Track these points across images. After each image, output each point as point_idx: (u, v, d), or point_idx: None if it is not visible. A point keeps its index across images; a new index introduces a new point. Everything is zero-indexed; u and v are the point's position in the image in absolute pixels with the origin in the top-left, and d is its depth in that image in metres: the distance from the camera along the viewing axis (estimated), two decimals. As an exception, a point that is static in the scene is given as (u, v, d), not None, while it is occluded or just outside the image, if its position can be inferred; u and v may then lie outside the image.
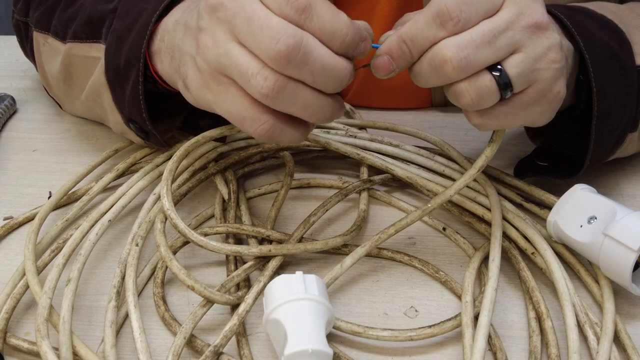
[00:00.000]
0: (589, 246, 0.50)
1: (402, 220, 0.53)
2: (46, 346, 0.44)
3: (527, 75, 0.46)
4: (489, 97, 0.46)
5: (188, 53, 0.47)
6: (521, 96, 0.47)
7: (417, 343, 0.48)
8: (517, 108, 0.47)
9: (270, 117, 0.45)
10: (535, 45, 0.46)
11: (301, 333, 0.43)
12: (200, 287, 0.48)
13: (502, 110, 0.47)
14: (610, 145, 0.55)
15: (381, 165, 0.60)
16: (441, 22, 0.44)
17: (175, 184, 0.58)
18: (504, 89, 0.45)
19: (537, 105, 0.48)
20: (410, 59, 0.46)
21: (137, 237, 0.53)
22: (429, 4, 0.45)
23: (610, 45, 0.52)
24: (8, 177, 0.64)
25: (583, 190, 0.52)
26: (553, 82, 0.47)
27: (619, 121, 0.54)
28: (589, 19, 0.53)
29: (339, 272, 0.51)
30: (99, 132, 0.69)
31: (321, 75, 0.43)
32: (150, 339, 0.48)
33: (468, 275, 0.51)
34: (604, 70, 0.51)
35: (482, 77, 0.45)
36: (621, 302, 0.51)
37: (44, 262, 0.53)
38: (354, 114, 0.70)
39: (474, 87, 0.45)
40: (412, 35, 0.45)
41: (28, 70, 0.79)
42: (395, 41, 0.46)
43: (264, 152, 0.63)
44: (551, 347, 0.47)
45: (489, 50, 0.45)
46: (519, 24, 0.45)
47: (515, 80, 0.45)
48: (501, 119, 0.48)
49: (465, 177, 0.52)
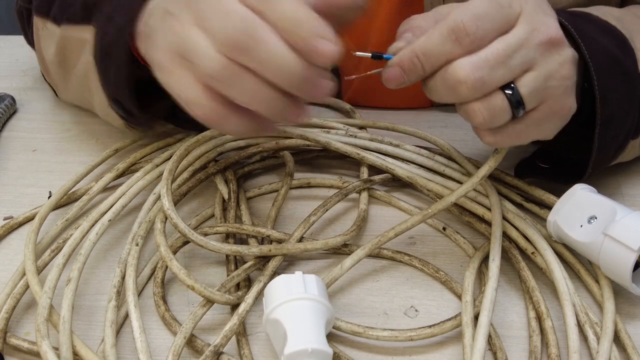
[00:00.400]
0: (589, 246, 0.50)
1: (402, 224, 0.53)
2: (46, 346, 0.44)
3: (539, 93, 0.46)
4: (501, 116, 0.46)
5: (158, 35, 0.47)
6: (533, 113, 0.47)
7: (417, 343, 0.48)
8: (530, 125, 0.47)
9: (217, 103, 0.44)
10: (547, 63, 0.46)
11: (301, 333, 0.43)
12: (200, 287, 0.48)
13: (515, 128, 0.47)
14: (613, 151, 0.55)
15: (381, 165, 0.60)
16: (457, 37, 0.44)
17: (175, 184, 0.58)
18: (516, 107, 0.46)
19: (549, 122, 0.48)
20: (422, 73, 0.46)
21: (137, 237, 0.53)
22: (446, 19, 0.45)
23: (613, 52, 0.52)
24: (8, 177, 0.64)
25: (583, 190, 0.52)
26: (564, 98, 0.48)
27: (621, 128, 0.53)
28: (592, 26, 0.53)
29: (338, 274, 0.51)
30: (99, 132, 0.69)
31: (269, 66, 0.42)
32: (150, 339, 0.48)
33: (468, 275, 0.51)
34: (608, 78, 0.51)
35: (494, 97, 0.45)
36: (621, 302, 0.51)
37: (44, 262, 0.53)
38: (354, 114, 0.70)
39: (487, 106, 0.45)
40: (426, 50, 0.45)
41: (28, 70, 0.79)
42: (408, 54, 0.46)
43: (264, 152, 0.63)
44: (551, 347, 0.47)
45: (503, 70, 0.45)
46: (532, 41, 0.45)
47: (527, 98, 0.46)
48: (514, 137, 0.48)
49: (467, 185, 0.52)
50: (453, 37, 0.44)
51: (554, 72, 0.46)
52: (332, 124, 0.65)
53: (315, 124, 0.65)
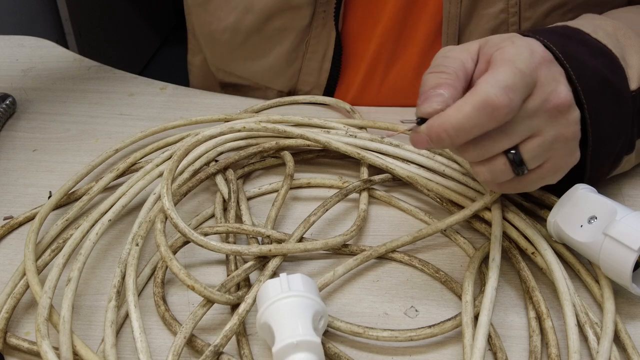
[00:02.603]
0: (589, 246, 0.50)
1: (394, 242, 0.54)
2: (46, 346, 0.44)
3: (542, 156, 0.47)
4: (503, 176, 0.47)
5: None
6: (537, 171, 0.48)
7: (417, 343, 0.48)
8: (533, 180, 0.49)
9: None
10: (553, 128, 0.46)
11: (286, 328, 0.44)
12: (200, 286, 0.48)
13: (519, 181, 0.49)
14: (607, 168, 0.55)
15: (381, 165, 0.60)
16: (491, 112, 0.43)
17: (175, 184, 0.58)
18: (518, 165, 0.47)
19: (552, 176, 0.49)
20: (449, 145, 0.46)
21: (137, 237, 0.53)
22: (475, 92, 0.44)
23: (603, 73, 0.52)
24: (8, 177, 0.64)
25: (583, 190, 0.52)
26: (568, 156, 0.49)
27: (614, 146, 0.53)
28: (581, 47, 0.52)
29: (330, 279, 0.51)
30: (99, 132, 0.69)
31: None
32: (151, 339, 0.48)
33: (468, 275, 0.51)
34: (598, 100, 0.51)
35: (497, 160, 0.47)
36: (621, 302, 0.51)
37: (44, 262, 0.53)
38: (354, 114, 0.70)
39: (489, 169, 0.47)
40: (458, 126, 0.44)
41: (28, 70, 0.79)
42: (436, 130, 0.45)
43: (264, 152, 0.63)
44: (551, 347, 0.47)
45: (507, 140, 0.46)
46: (542, 110, 0.46)
47: (530, 162, 0.47)
48: (518, 189, 0.50)
49: (458, 215, 0.55)
50: (487, 112, 0.43)
51: (559, 137, 0.47)
52: (332, 124, 0.65)
53: (315, 124, 0.65)
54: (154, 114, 0.72)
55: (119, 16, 2.14)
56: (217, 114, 0.68)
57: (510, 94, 0.43)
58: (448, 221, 0.54)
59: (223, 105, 0.74)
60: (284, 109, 0.72)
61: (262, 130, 0.60)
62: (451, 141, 0.45)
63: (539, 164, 0.48)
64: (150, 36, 2.36)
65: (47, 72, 0.80)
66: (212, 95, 0.76)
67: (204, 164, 0.61)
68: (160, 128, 0.66)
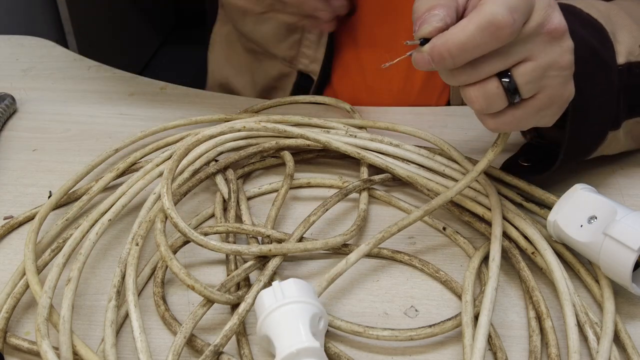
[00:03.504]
0: (589, 246, 0.50)
1: (404, 220, 0.53)
2: (46, 346, 0.44)
3: (536, 82, 0.46)
4: (497, 102, 0.46)
5: None
6: (531, 101, 0.47)
7: (417, 343, 0.48)
8: (528, 112, 0.48)
9: None
10: (547, 54, 0.46)
11: (284, 338, 0.44)
12: (200, 286, 0.48)
13: (514, 114, 0.48)
14: (589, 141, 0.55)
15: (381, 165, 0.60)
16: (495, 31, 0.43)
17: (175, 184, 0.58)
18: (512, 94, 0.46)
19: (548, 109, 0.48)
20: (451, 66, 0.45)
21: (137, 237, 0.53)
22: (479, 12, 0.44)
23: (590, 43, 0.52)
24: (8, 177, 0.64)
25: (583, 190, 0.52)
26: (562, 87, 0.48)
27: (597, 117, 0.53)
28: (572, 17, 0.53)
29: (343, 269, 0.51)
30: (99, 132, 0.69)
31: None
32: (151, 339, 0.48)
33: (468, 274, 0.51)
34: (582, 66, 0.51)
35: (489, 83, 0.46)
36: (621, 302, 0.51)
37: (44, 262, 0.53)
38: (354, 114, 0.70)
39: (482, 92, 0.46)
40: (462, 45, 0.44)
41: (28, 70, 0.79)
42: (439, 49, 0.44)
43: (264, 151, 0.63)
44: (551, 347, 0.47)
45: (500, 60, 0.45)
46: (537, 34, 0.46)
47: (524, 87, 0.46)
48: (513, 123, 0.48)
49: (466, 178, 0.52)
50: (491, 31, 0.43)
51: (553, 63, 0.46)
52: (332, 123, 0.65)
53: (315, 123, 0.65)
54: (154, 114, 0.72)
55: (119, 16, 2.14)
56: (217, 114, 0.68)
57: (514, 14, 0.43)
58: (456, 187, 0.53)
59: (223, 105, 0.74)
60: (284, 109, 0.72)
61: (262, 130, 0.60)
62: (453, 61, 0.45)
63: (533, 94, 0.47)
64: (150, 36, 2.36)
65: (47, 72, 0.80)
66: (212, 95, 0.77)
67: (204, 164, 0.61)
68: (160, 128, 0.66)
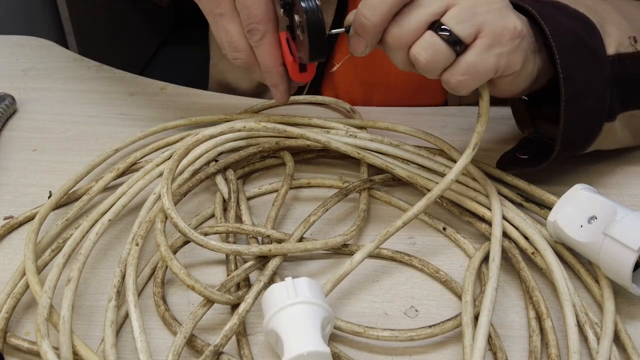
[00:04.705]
0: (589, 246, 0.50)
1: (409, 212, 0.53)
2: (46, 346, 0.44)
3: (468, 22, 0.47)
4: (442, 52, 0.47)
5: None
6: (477, 42, 0.48)
7: (417, 343, 0.48)
8: (480, 54, 0.48)
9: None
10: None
11: (295, 338, 0.43)
12: (200, 286, 0.48)
13: (466, 60, 0.48)
14: (584, 132, 0.55)
15: (381, 165, 0.60)
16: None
17: (175, 184, 0.58)
18: (452, 41, 0.47)
19: (500, 46, 0.48)
20: (373, 29, 0.48)
21: (137, 237, 0.53)
22: None
23: (578, 33, 0.52)
24: (8, 177, 0.64)
25: (583, 190, 0.52)
26: (501, 19, 0.48)
27: (590, 107, 0.53)
28: (558, 10, 0.53)
29: (349, 269, 0.51)
30: (99, 132, 0.70)
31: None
32: (151, 339, 0.48)
33: (468, 275, 0.51)
34: (571, 56, 0.51)
35: (425, 36, 0.48)
36: (621, 302, 0.51)
37: (44, 262, 0.53)
38: (354, 114, 0.70)
39: (421, 46, 0.48)
40: (370, 2, 0.47)
41: (28, 70, 0.79)
42: (355, 19, 0.49)
43: (264, 152, 0.63)
44: (551, 347, 0.47)
45: (422, 10, 0.47)
46: None
47: (457, 29, 0.47)
48: (471, 70, 0.48)
49: (463, 158, 0.53)
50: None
51: (478, 2, 0.48)
52: (332, 124, 0.65)
53: (316, 124, 0.65)
54: (154, 114, 0.72)
55: (119, 16, 2.14)
56: (217, 114, 0.68)
57: None
58: (456, 167, 0.53)
59: (223, 105, 0.74)
60: (284, 109, 0.72)
61: (262, 130, 0.60)
62: (372, 24, 0.47)
63: (473, 34, 0.48)
64: (150, 36, 2.36)
65: (47, 72, 0.80)
66: (212, 95, 0.76)
67: (204, 164, 0.61)
68: (160, 128, 0.66)
